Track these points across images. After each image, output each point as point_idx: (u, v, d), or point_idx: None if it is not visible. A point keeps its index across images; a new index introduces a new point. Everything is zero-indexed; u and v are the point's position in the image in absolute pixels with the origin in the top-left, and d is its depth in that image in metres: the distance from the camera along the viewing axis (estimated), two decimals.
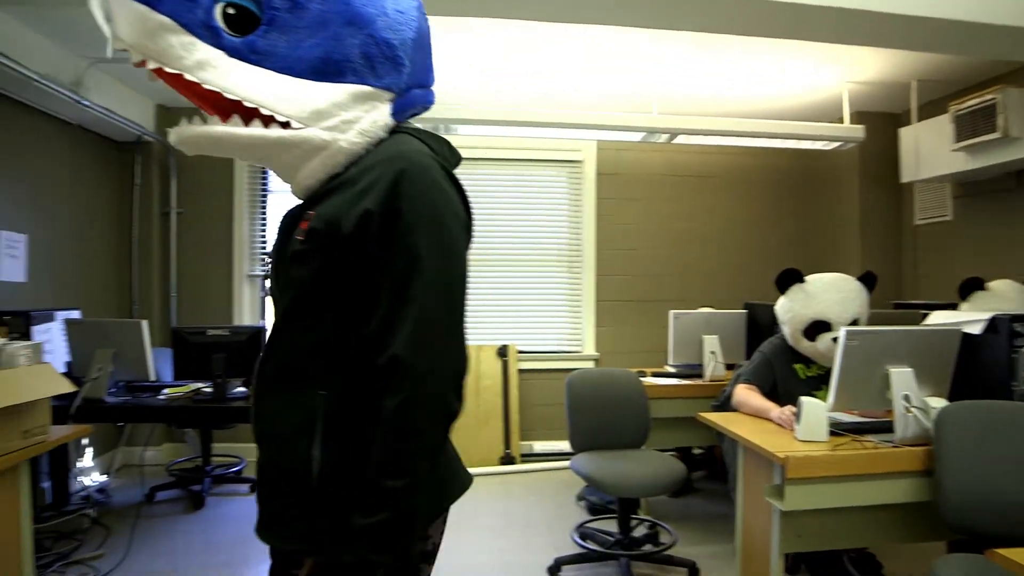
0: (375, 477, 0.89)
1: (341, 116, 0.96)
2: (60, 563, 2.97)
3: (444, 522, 1.13)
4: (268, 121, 0.94)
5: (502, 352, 4.66)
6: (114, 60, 3.69)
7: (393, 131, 1.03)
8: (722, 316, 3.71)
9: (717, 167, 4.94)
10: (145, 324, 3.30)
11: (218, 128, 0.95)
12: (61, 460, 3.69)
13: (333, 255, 0.93)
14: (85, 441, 4.18)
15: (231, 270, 4.81)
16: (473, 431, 4.49)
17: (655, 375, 3.68)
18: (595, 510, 3.57)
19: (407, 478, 0.89)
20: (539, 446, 4.70)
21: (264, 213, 4.89)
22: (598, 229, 4.80)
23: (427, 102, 1.12)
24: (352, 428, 0.96)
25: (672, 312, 3.66)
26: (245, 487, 4.09)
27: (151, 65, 0.90)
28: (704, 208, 4.94)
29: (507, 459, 4.46)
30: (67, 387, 2.29)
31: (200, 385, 3.43)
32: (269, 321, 4.71)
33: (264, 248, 4.90)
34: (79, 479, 4.07)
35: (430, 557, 1.09)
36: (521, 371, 4.70)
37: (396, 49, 0.99)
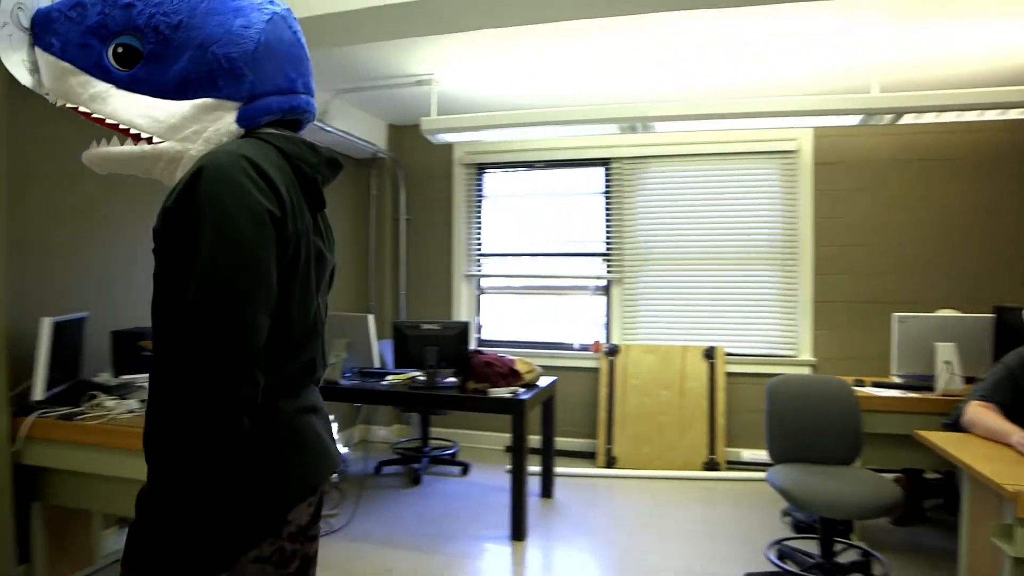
0: (160, 450, 0.93)
1: (191, 128, 1.07)
2: None
3: (313, 503, 1.13)
4: (137, 139, 1.09)
5: (708, 354, 4.49)
6: (353, 90, 4.26)
7: (246, 135, 1.10)
8: (961, 321, 3.19)
9: (959, 147, 4.21)
10: (371, 318, 3.75)
11: (102, 148, 1.13)
12: None
13: (163, 245, 1.00)
14: (332, 417, 4.85)
15: (451, 270, 5.25)
16: (676, 433, 4.39)
17: (876, 385, 3.28)
18: (800, 528, 3.30)
19: (182, 454, 0.89)
20: (747, 454, 4.45)
21: (479, 217, 5.26)
22: (816, 224, 4.40)
23: (292, 106, 1.15)
24: None
25: (895, 316, 3.23)
26: (457, 469, 4.44)
27: (60, 103, 1.11)
28: (942, 196, 4.24)
29: (711, 465, 4.29)
30: None
31: (416, 373, 3.80)
32: (467, 317, 5.04)
33: (479, 249, 5.28)
34: None
35: (296, 537, 1.08)
36: (729, 374, 4.49)
37: (236, 62, 1.06)
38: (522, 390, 3.46)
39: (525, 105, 4.41)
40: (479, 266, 5.29)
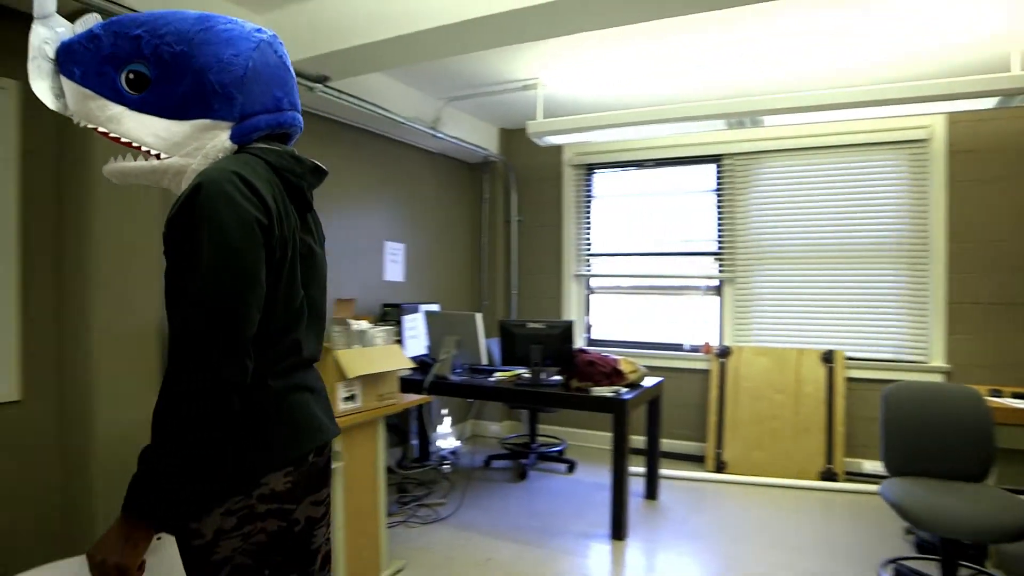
0: (157, 424, 1.09)
1: (192, 145, 1.22)
2: (415, 503, 3.73)
3: (292, 474, 1.24)
4: (147, 155, 1.24)
5: (827, 357, 4.26)
6: (463, 97, 4.44)
7: (240, 151, 1.25)
8: None
9: None
10: (479, 317, 3.90)
11: (119, 164, 1.28)
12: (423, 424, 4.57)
13: (168, 249, 1.16)
14: (445, 411, 5.09)
15: (560, 270, 5.32)
16: (790, 440, 4.21)
17: (1016, 396, 2.99)
18: (924, 549, 3.06)
19: (176, 429, 1.06)
20: (869, 465, 4.17)
21: (589, 217, 5.30)
22: (950, 218, 4.03)
23: (279, 122, 1.29)
24: None
25: None
26: (563, 466, 4.51)
27: (83, 123, 1.26)
28: None
29: (828, 475, 4.07)
30: (408, 363, 2.87)
31: (521, 371, 3.91)
32: (577, 317, 5.06)
33: (589, 249, 5.31)
34: (438, 442, 4.97)
35: (268, 499, 1.20)
36: (849, 380, 4.23)
37: (227, 87, 1.21)
38: (625, 390, 3.46)
39: (631, 104, 4.40)
40: (588, 266, 5.33)
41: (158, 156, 1.24)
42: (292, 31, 3.14)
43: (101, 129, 1.26)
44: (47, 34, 1.24)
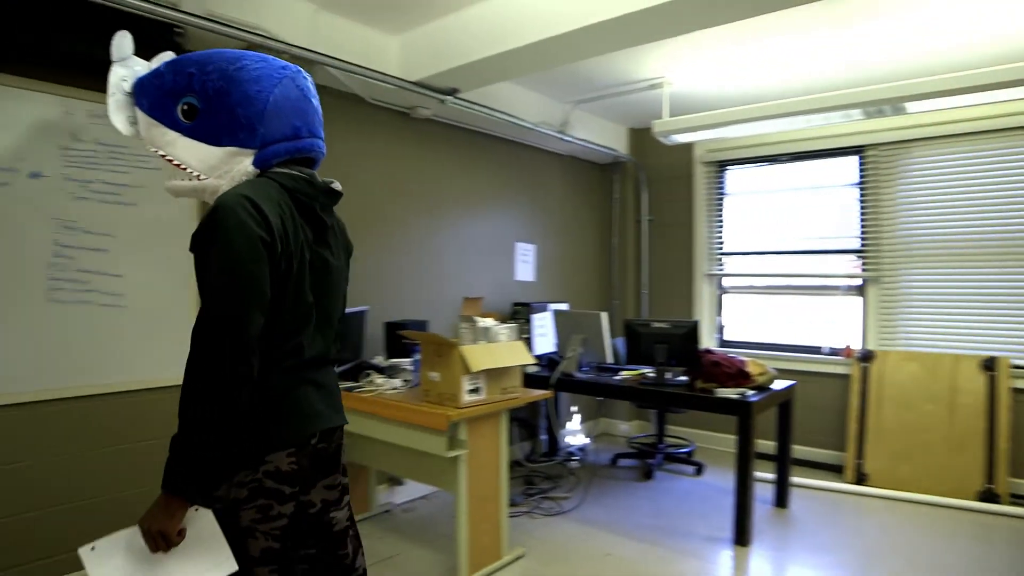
0: (182, 410, 1.27)
1: (223, 168, 1.43)
2: (539, 495, 3.86)
3: (296, 455, 1.42)
4: (191, 176, 1.46)
5: (988, 365, 3.86)
6: (591, 99, 4.51)
7: (260, 174, 1.45)
8: None
9: None
10: (604, 316, 3.95)
11: (173, 182, 1.49)
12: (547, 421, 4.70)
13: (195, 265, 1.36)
14: (574, 409, 5.19)
15: (691, 269, 5.24)
16: (944, 454, 3.86)
17: None
18: None
19: (202, 413, 1.24)
20: None
21: (720, 216, 5.16)
22: None
23: (297, 148, 1.49)
24: None
25: None
26: (691, 468, 4.44)
27: (152, 149, 1.49)
28: None
29: (988, 495, 3.69)
30: (530, 359, 3.01)
31: (647, 370, 3.91)
32: (708, 317, 4.94)
33: (721, 248, 5.18)
34: (567, 438, 5.08)
35: (275, 477, 1.40)
36: (1015, 391, 3.81)
37: (251, 120, 1.41)
38: (751, 392, 3.37)
39: (763, 97, 4.24)
40: (721, 265, 5.19)
41: (199, 177, 1.46)
42: (423, 49, 3.38)
43: (161, 152, 1.48)
44: (124, 72, 1.49)
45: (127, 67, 1.48)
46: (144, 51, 1.55)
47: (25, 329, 2.50)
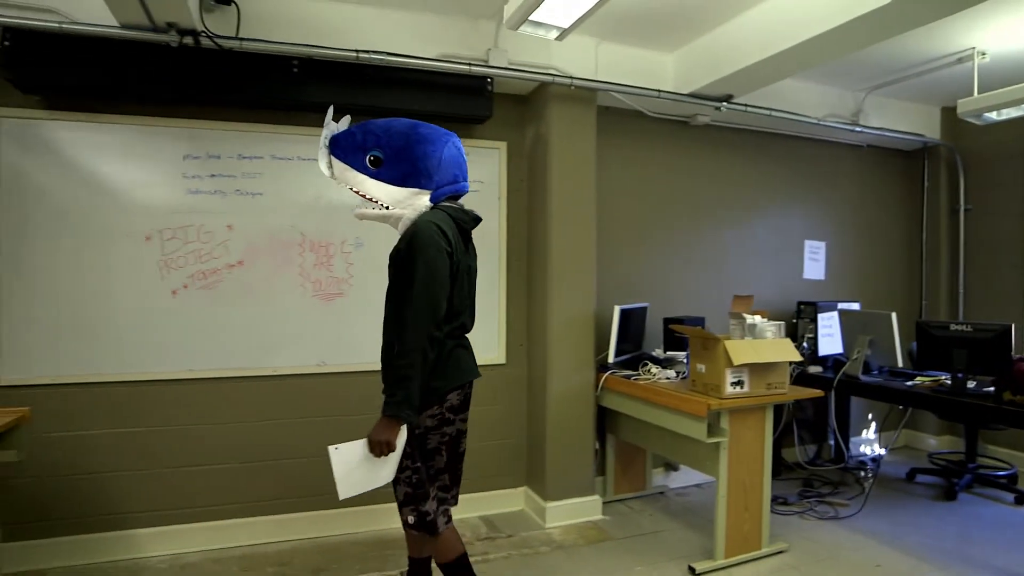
0: (395, 364, 1.98)
1: (407, 203, 2.09)
2: (816, 498, 3.81)
3: (460, 394, 2.16)
4: (380, 206, 2.09)
5: None
6: (889, 83, 4.22)
7: (434, 207, 2.10)
8: None
9: None
10: (894, 316, 3.72)
11: (364, 210, 2.12)
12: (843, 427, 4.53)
13: (394, 269, 2.07)
14: (870, 416, 4.89)
15: (1022, 266, 4.53)
16: None
17: None
18: None
19: (407, 364, 1.92)
20: None
21: None
22: None
23: (455, 191, 2.17)
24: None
25: None
26: (1009, 496, 3.90)
27: (344, 186, 2.10)
28: None
29: None
30: (796, 356, 3.04)
31: (943, 376, 3.59)
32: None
33: None
34: (862, 447, 4.81)
35: (453, 410, 2.14)
36: None
37: (430, 170, 2.08)
38: None
39: None
40: None
41: (386, 207, 2.10)
42: (696, 62, 3.61)
43: (352, 188, 2.10)
44: (326, 132, 2.10)
45: (328, 128, 2.11)
46: (464, 96, 2.77)
47: (375, 320, 3.40)
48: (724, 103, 3.76)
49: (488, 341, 3.68)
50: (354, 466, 2.02)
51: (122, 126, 3.03)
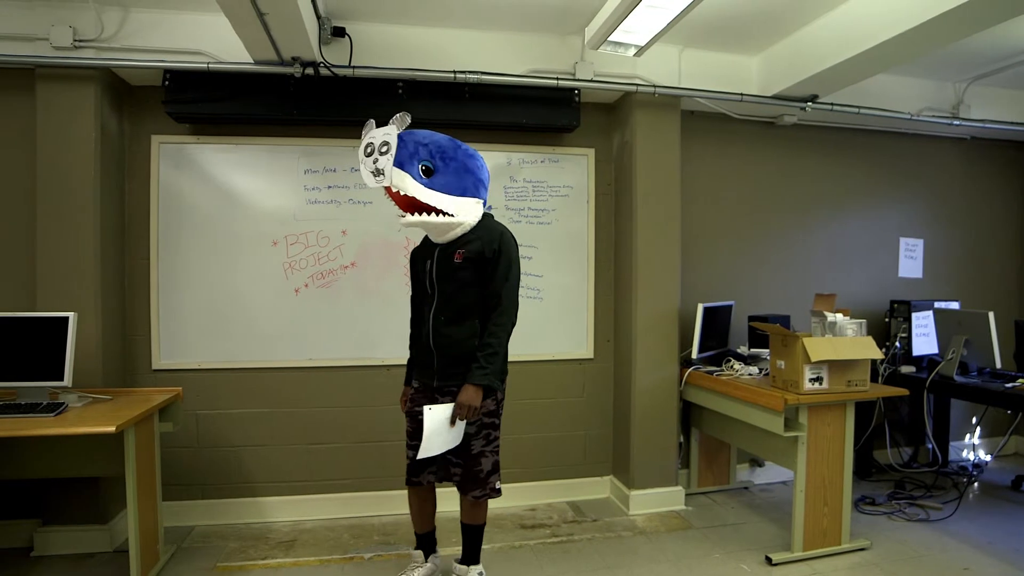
0: (489, 342, 2.41)
1: (470, 212, 2.42)
2: (906, 500, 3.77)
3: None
4: (439, 213, 2.34)
5: None
6: (993, 72, 4.06)
7: (485, 215, 2.51)
8: None
9: None
10: (991, 315, 3.62)
11: (419, 218, 2.33)
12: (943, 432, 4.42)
13: (478, 265, 2.42)
14: (974, 420, 4.71)
15: None
16: None
17: None
18: None
19: (500, 342, 2.41)
20: None
21: None
22: None
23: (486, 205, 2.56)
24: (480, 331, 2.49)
25: None
26: None
27: (394, 190, 2.27)
28: None
29: None
30: (876, 354, 3.06)
31: None
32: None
33: None
34: (963, 451, 4.65)
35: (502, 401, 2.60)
36: None
37: (485, 183, 2.50)
38: None
39: None
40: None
41: (450, 215, 2.38)
42: (780, 63, 3.67)
43: (404, 193, 2.28)
44: (376, 138, 2.28)
45: (373, 137, 2.30)
46: (553, 107, 3.26)
47: None
48: (809, 103, 3.79)
49: (577, 336, 3.91)
50: (439, 428, 2.34)
51: (253, 146, 3.49)
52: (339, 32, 3.21)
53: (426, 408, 2.34)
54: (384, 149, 2.25)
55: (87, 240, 3.13)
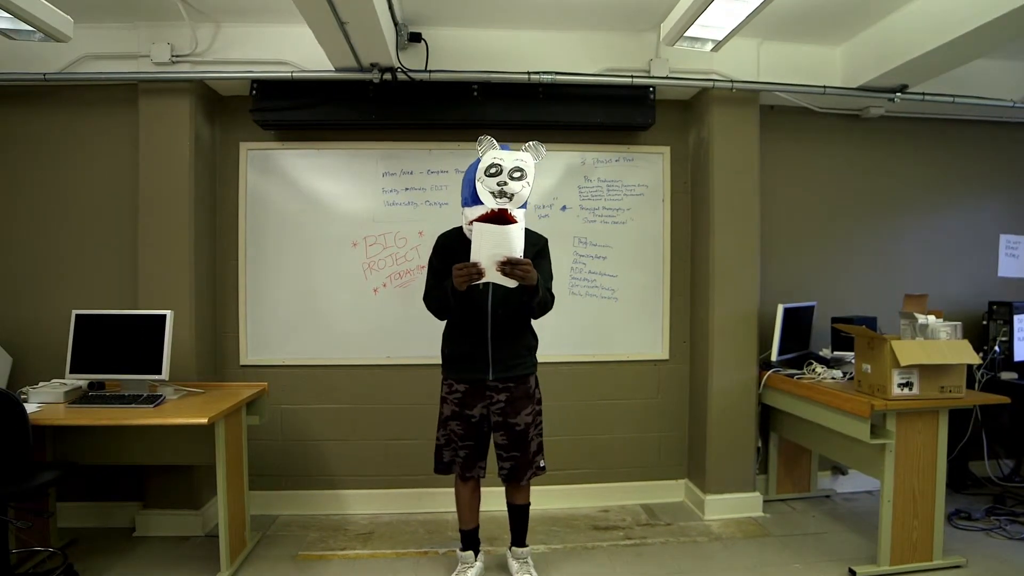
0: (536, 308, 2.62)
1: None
2: (1007, 517, 3.55)
3: None
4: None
5: None
6: None
7: None
8: None
9: None
10: None
11: (518, 226, 2.36)
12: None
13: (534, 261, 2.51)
14: None
15: None
16: None
17: None
18: None
19: (550, 299, 2.66)
20: None
21: None
22: None
23: None
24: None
25: None
26: None
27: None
28: None
29: None
30: (974, 359, 2.89)
31: None
32: None
33: None
34: None
35: None
36: None
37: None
38: None
39: None
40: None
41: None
42: (866, 53, 3.50)
43: (518, 206, 2.40)
44: (525, 157, 2.46)
45: (497, 158, 2.44)
46: (627, 105, 3.30)
47: (555, 314, 3.69)
48: (898, 94, 3.60)
49: (652, 337, 3.86)
50: (493, 239, 2.32)
51: (333, 151, 3.62)
52: (415, 38, 3.28)
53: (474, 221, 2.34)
54: (517, 175, 2.36)
55: (183, 243, 3.33)
